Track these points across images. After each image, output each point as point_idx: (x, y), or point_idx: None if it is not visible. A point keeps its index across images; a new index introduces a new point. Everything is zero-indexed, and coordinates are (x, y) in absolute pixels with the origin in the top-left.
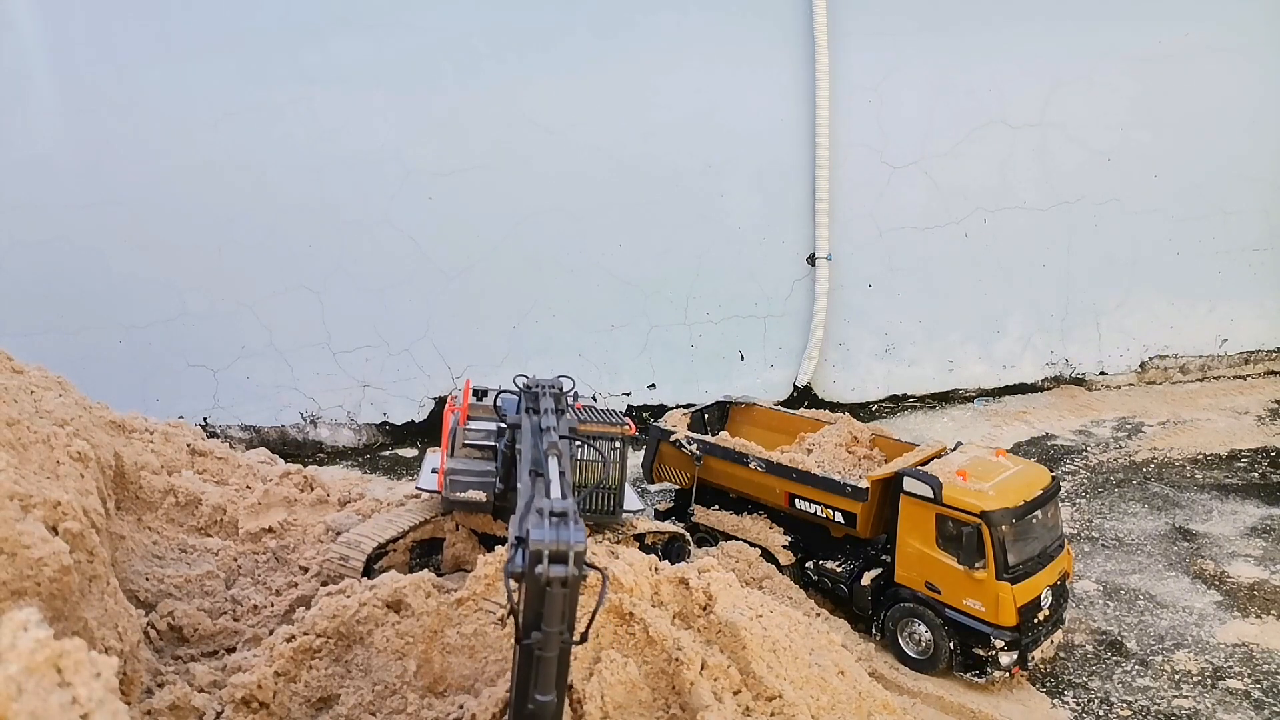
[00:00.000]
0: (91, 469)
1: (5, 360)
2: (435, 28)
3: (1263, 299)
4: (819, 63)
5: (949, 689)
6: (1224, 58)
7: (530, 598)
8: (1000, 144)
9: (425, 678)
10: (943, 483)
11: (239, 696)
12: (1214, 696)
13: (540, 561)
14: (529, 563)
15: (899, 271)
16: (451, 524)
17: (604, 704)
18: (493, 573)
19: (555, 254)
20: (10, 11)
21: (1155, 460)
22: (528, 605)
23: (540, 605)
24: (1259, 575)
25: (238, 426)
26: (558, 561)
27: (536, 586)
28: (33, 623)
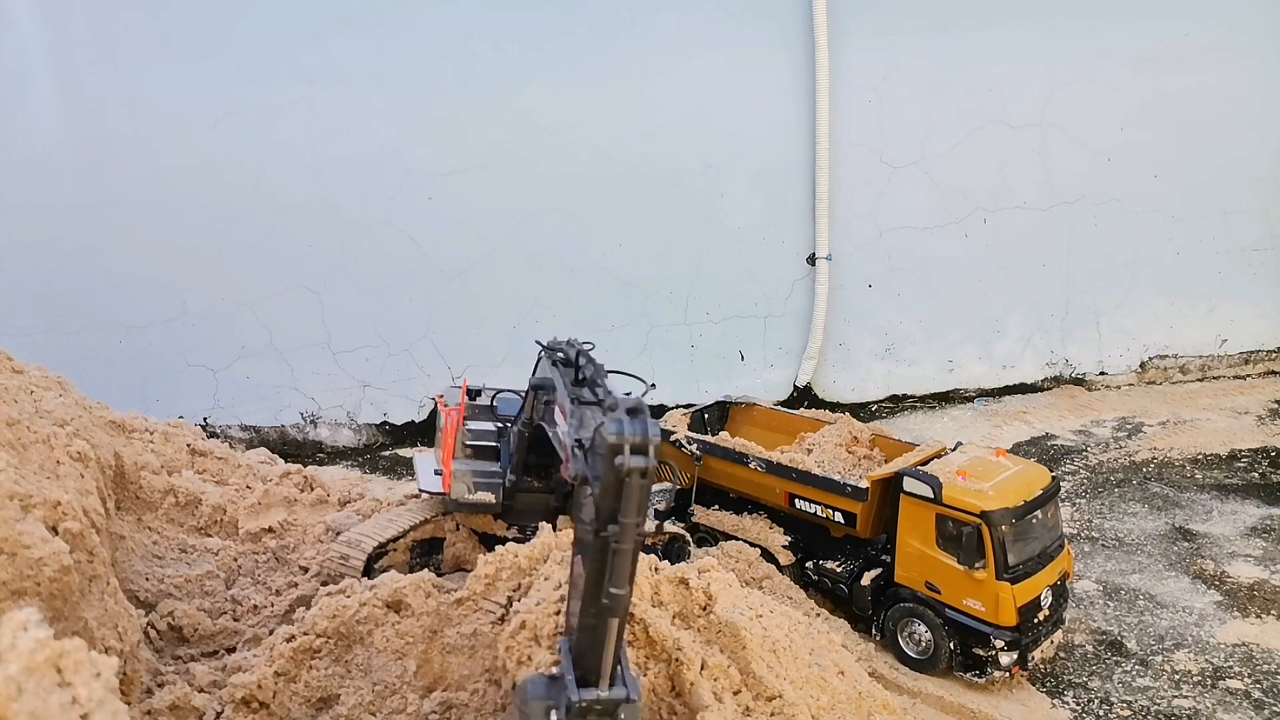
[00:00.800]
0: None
1: (5, 360)
2: (435, 28)
3: (1263, 299)
4: (819, 63)
5: (949, 689)
6: (1224, 58)
7: (607, 491)
8: (1000, 144)
9: (425, 678)
10: (943, 483)
11: (239, 696)
12: (1214, 696)
13: (620, 453)
14: (608, 455)
15: (899, 271)
16: (452, 524)
17: None
18: (493, 572)
19: (555, 254)
20: (10, 11)
21: (1155, 460)
22: (604, 499)
23: (617, 498)
24: (1259, 575)
25: (238, 426)
26: (638, 453)
27: (615, 479)
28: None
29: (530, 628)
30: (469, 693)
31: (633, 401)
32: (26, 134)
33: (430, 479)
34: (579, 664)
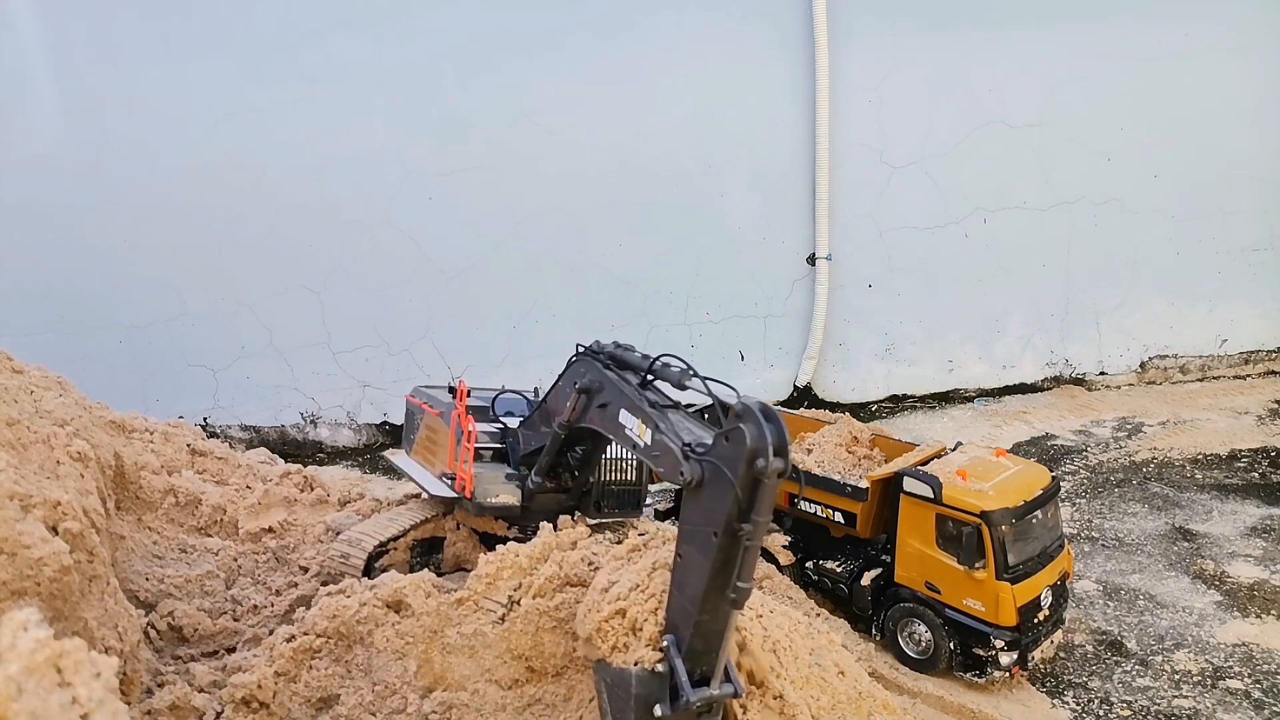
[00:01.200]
0: (91, 469)
1: (5, 360)
2: (435, 28)
3: (1263, 299)
4: (819, 63)
5: (949, 689)
6: (1224, 58)
7: (743, 492)
8: (1000, 144)
9: (425, 678)
10: (943, 483)
11: (239, 696)
12: (1214, 696)
13: (761, 457)
14: (748, 458)
15: (899, 271)
16: (452, 523)
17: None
18: (494, 571)
19: (555, 254)
20: (10, 11)
21: (1155, 460)
22: (739, 499)
23: (752, 498)
24: (1259, 575)
25: (238, 426)
26: (779, 455)
27: (752, 480)
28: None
29: (629, 617)
30: (469, 693)
31: (763, 405)
32: (26, 134)
33: (435, 484)
34: (692, 660)
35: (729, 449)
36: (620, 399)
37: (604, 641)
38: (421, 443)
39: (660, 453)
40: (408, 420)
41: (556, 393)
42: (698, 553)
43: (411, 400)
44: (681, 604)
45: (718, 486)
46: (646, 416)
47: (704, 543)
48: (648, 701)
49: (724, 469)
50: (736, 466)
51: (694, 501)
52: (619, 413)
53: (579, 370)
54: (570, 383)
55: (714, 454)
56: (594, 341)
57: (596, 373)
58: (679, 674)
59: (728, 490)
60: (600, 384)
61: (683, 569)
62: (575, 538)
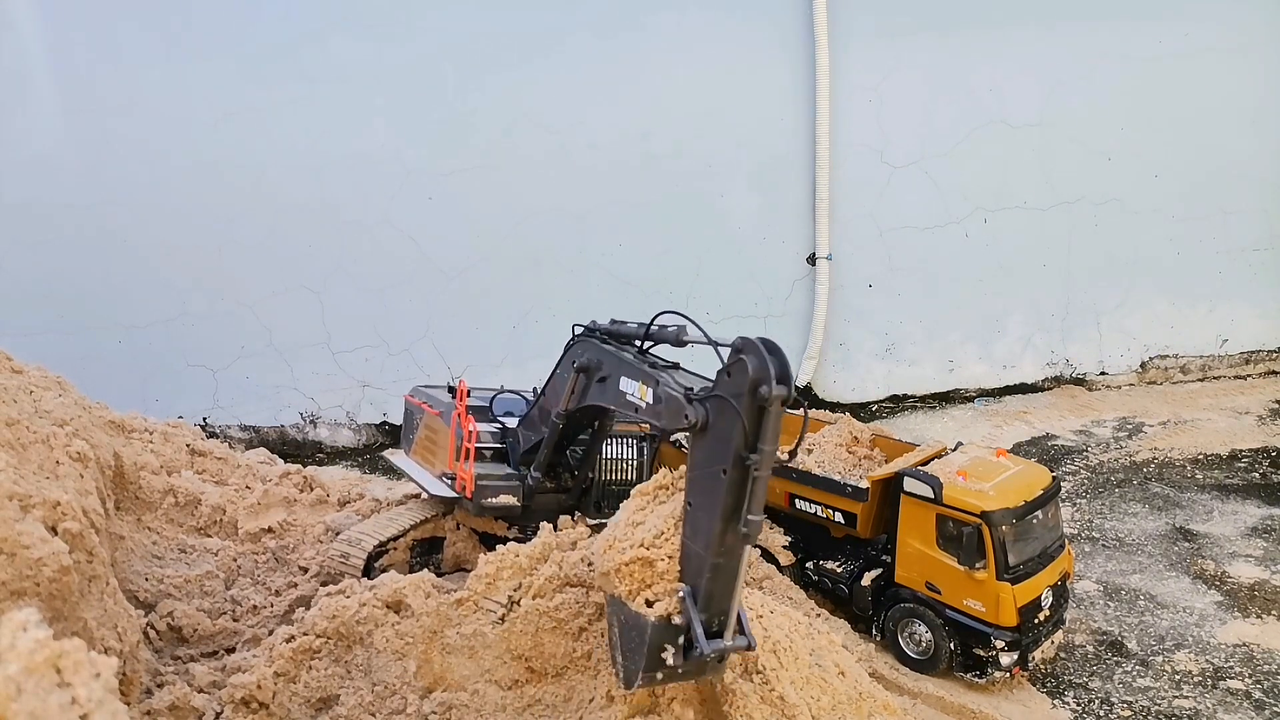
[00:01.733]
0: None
1: (5, 360)
2: (435, 28)
3: (1263, 299)
4: (819, 63)
5: (949, 689)
6: (1224, 58)
7: (749, 421)
8: (1000, 144)
9: (425, 678)
10: (943, 483)
11: (239, 697)
12: (1214, 697)
13: (764, 384)
14: (751, 387)
15: (899, 271)
16: (452, 523)
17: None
18: (494, 571)
19: (555, 254)
20: (10, 11)
21: (1156, 460)
22: (746, 429)
23: (757, 428)
24: (1259, 575)
25: (237, 426)
26: (781, 383)
27: (757, 409)
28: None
29: (653, 566)
30: (469, 693)
31: (764, 338)
32: (26, 134)
33: (435, 484)
34: (707, 611)
35: (732, 382)
36: (619, 367)
37: (622, 584)
38: (421, 443)
39: (663, 404)
40: (406, 420)
41: (554, 383)
42: (707, 494)
43: (410, 400)
44: (695, 551)
45: (723, 423)
46: (646, 376)
47: (713, 482)
48: (660, 648)
49: (729, 401)
50: (741, 396)
51: (700, 444)
52: (619, 381)
53: (576, 351)
54: (568, 366)
55: (718, 389)
56: (590, 321)
57: (593, 349)
58: (695, 626)
59: (733, 423)
60: (598, 359)
61: (694, 517)
62: (575, 538)
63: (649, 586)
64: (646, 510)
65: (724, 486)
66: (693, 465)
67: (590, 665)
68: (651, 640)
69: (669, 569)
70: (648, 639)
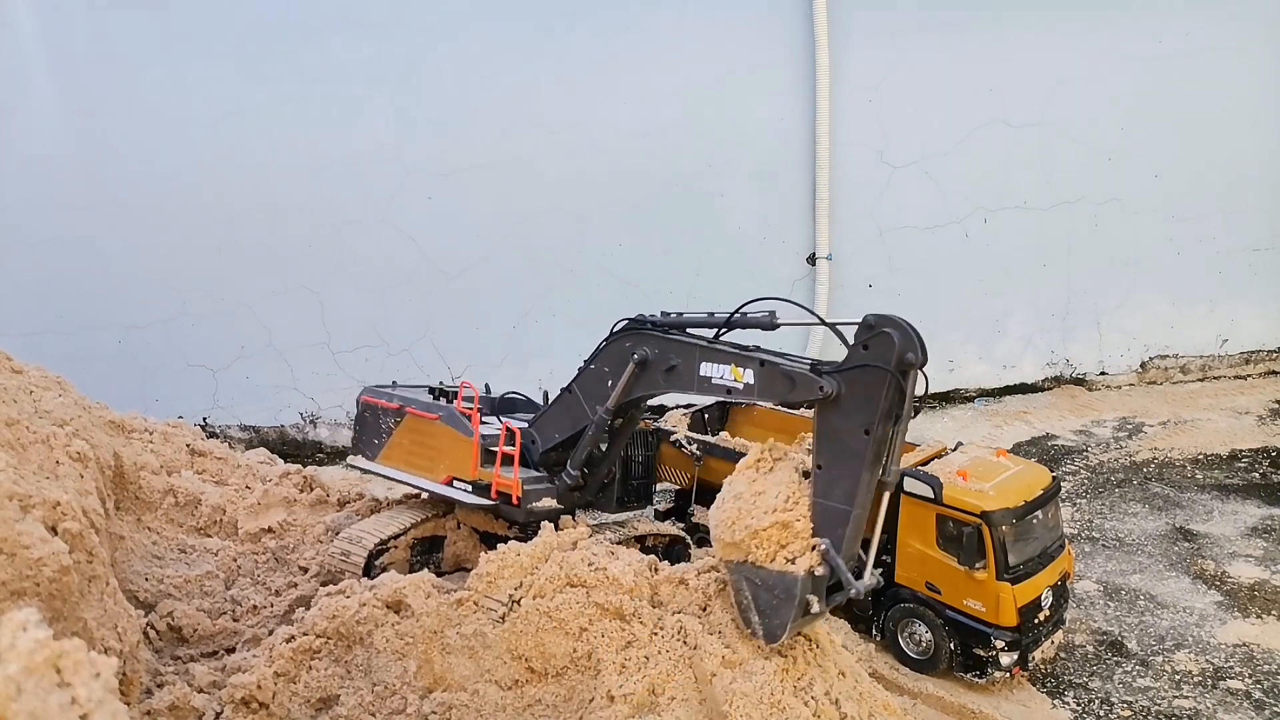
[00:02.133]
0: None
1: (4, 360)
2: (435, 27)
3: (1264, 299)
4: (819, 62)
5: (949, 689)
6: (1224, 57)
7: (891, 388)
8: (1000, 144)
9: (425, 678)
10: (943, 483)
11: (239, 697)
12: (1214, 697)
13: (911, 351)
14: (898, 355)
15: (899, 271)
16: (453, 522)
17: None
18: (495, 570)
19: (555, 254)
20: (10, 11)
21: (1156, 460)
22: (897, 391)
23: (900, 392)
24: (1260, 575)
25: (237, 427)
26: (923, 351)
27: (900, 375)
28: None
29: (790, 528)
30: (469, 693)
31: (898, 317)
32: (26, 133)
33: (461, 492)
34: (847, 558)
35: (877, 353)
36: (694, 355)
37: (760, 549)
38: (402, 447)
39: (778, 381)
40: (366, 423)
41: (591, 379)
42: (844, 454)
43: (375, 401)
44: (831, 507)
45: (863, 390)
46: (740, 359)
47: (854, 442)
48: (808, 599)
49: (879, 368)
50: (889, 364)
51: (834, 412)
52: (698, 367)
53: (627, 344)
54: (615, 359)
55: (863, 359)
56: (636, 314)
57: (652, 340)
58: (841, 572)
59: (876, 389)
60: (661, 350)
61: (827, 477)
62: (575, 537)
63: (785, 546)
64: (758, 482)
65: (867, 445)
66: (825, 433)
67: (590, 665)
68: (802, 593)
69: (804, 528)
70: (798, 593)
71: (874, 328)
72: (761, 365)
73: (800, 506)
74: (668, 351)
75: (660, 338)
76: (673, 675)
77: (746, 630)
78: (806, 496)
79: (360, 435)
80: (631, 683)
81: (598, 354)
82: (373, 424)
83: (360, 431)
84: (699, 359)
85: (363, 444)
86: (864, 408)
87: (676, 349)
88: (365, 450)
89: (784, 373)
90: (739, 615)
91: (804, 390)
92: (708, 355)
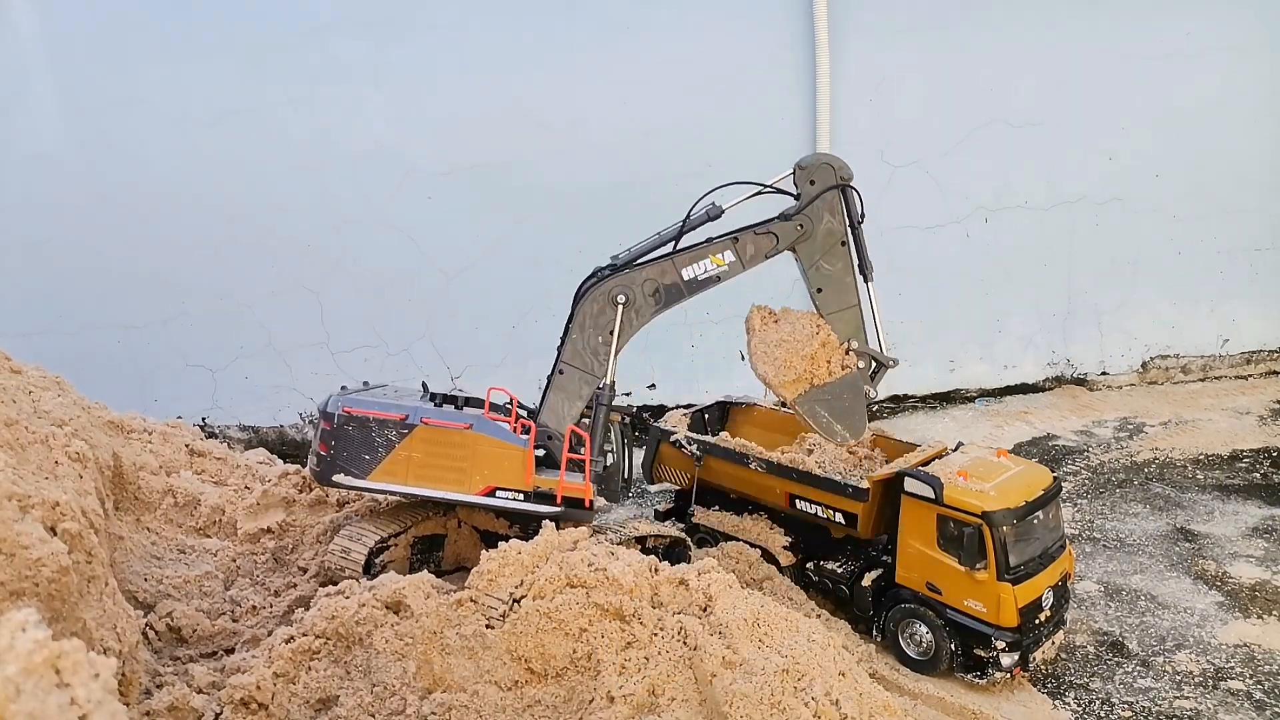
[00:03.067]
0: (90, 469)
1: (3, 360)
2: (435, 27)
3: (1264, 299)
4: (819, 62)
5: (950, 690)
6: (1225, 57)
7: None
8: (1001, 143)
9: (425, 679)
10: (944, 483)
11: (238, 698)
12: (1215, 697)
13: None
14: (839, 174)
15: (899, 271)
16: (453, 521)
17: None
18: (496, 568)
19: (555, 254)
20: (10, 11)
21: (1157, 460)
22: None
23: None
24: (1260, 576)
25: (236, 427)
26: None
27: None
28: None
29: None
30: (468, 694)
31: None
32: (26, 133)
33: (518, 502)
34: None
35: (823, 181)
36: (670, 266)
37: (817, 370)
38: (409, 461)
39: (760, 242)
40: (350, 436)
41: (583, 346)
42: (833, 269)
43: (362, 412)
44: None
45: (826, 214)
46: (713, 246)
47: (836, 259)
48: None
49: (831, 188)
50: (832, 186)
51: (811, 245)
52: (680, 274)
53: (603, 294)
54: (598, 321)
55: (814, 191)
56: (592, 271)
57: (625, 277)
58: (877, 354)
59: (834, 209)
60: (637, 281)
61: (827, 295)
62: (576, 538)
63: (830, 361)
64: (777, 332)
65: (849, 251)
66: (812, 265)
67: (590, 666)
68: (864, 385)
69: (835, 339)
70: (862, 387)
71: (810, 166)
72: (735, 240)
73: (824, 328)
74: (646, 278)
75: (631, 271)
76: (673, 676)
77: (835, 440)
78: (821, 320)
79: (339, 450)
80: (631, 683)
81: (576, 323)
82: (359, 438)
83: (338, 446)
84: (678, 267)
85: (344, 460)
86: (830, 232)
87: (652, 272)
88: (350, 467)
89: (760, 234)
90: (823, 434)
91: (785, 237)
92: (683, 260)
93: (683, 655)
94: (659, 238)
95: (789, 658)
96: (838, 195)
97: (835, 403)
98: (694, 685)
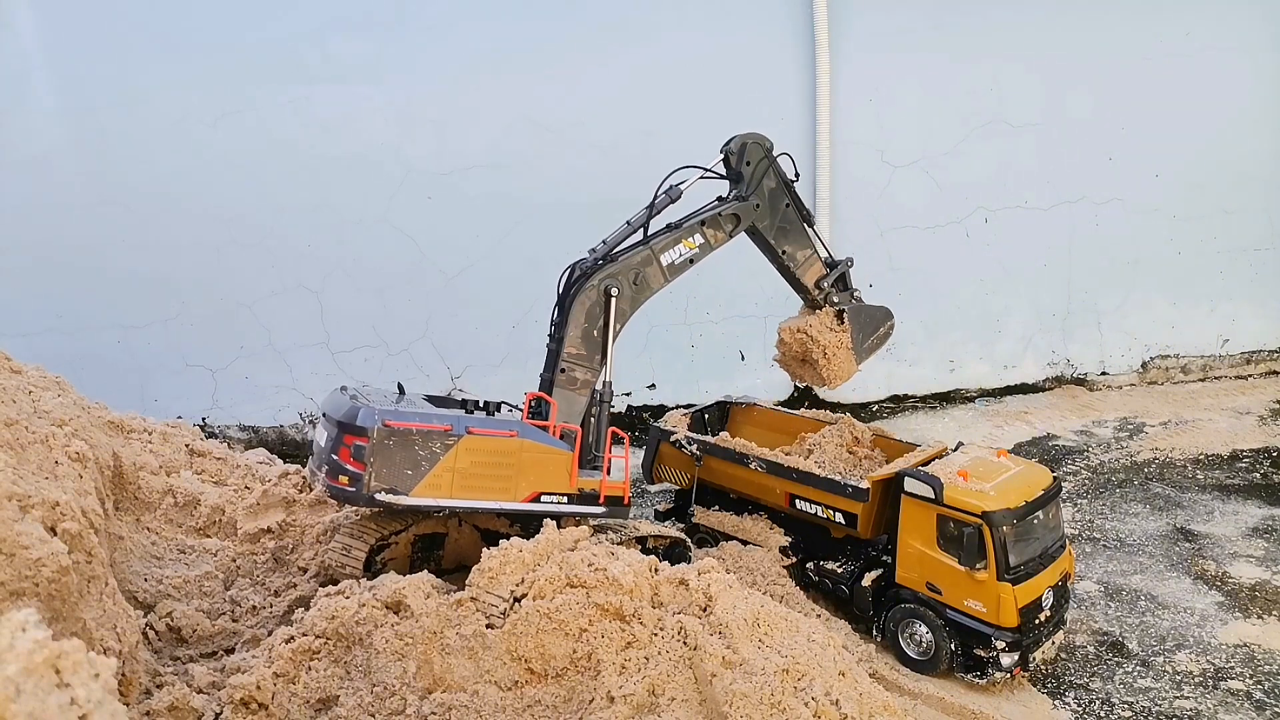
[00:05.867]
0: (90, 469)
1: (4, 360)
2: (435, 27)
3: (1264, 299)
4: (819, 63)
5: (950, 690)
6: (1225, 57)
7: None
8: (1001, 143)
9: (425, 679)
10: (944, 483)
11: (238, 698)
12: (1215, 697)
13: (768, 144)
14: (766, 149)
15: (900, 271)
16: (454, 520)
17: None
18: (497, 566)
19: (555, 254)
20: (10, 11)
21: (1157, 460)
22: (783, 175)
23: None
24: (1260, 576)
25: (236, 427)
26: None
27: (788, 156)
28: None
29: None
30: (469, 694)
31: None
32: (26, 134)
33: (563, 505)
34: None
35: (757, 157)
36: (650, 254)
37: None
38: (458, 472)
39: (725, 224)
40: (390, 451)
41: (580, 344)
42: (791, 229)
43: (407, 425)
44: (807, 260)
45: (769, 185)
46: (683, 231)
47: (790, 219)
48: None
49: (762, 162)
50: (763, 160)
51: (763, 216)
52: (659, 260)
53: (593, 286)
54: (590, 315)
55: (753, 171)
56: (570, 266)
57: (609, 268)
58: (841, 263)
59: (774, 175)
60: (621, 272)
61: (793, 247)
62: (576, 537)
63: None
64: (831, 343)
65: (794, 212)
66: (768, 235)
67: (590, 666)
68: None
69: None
70: (876, 314)
71: (739, 149)
72: (702, 224)
73: (818, 322)
74: (629, 269)
75: (614, 263)
76: (673, 676)
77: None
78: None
79: (379, 467)
80: (631, 683)
81: (572, 319)
82: (401, 452)
83: (378, 463)
84: (657, 253)
85: (384, 477)
86: (776, 195)
87: (634, 261)
88: (392, 484)
89: (724, 216)
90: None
91: (746, 215)
92: (661, 246)
93: (683, 655)
94: (629, 226)
95: (789, 658)
96: (771, 165)
97: (862, 329)
98: (694, 685)
